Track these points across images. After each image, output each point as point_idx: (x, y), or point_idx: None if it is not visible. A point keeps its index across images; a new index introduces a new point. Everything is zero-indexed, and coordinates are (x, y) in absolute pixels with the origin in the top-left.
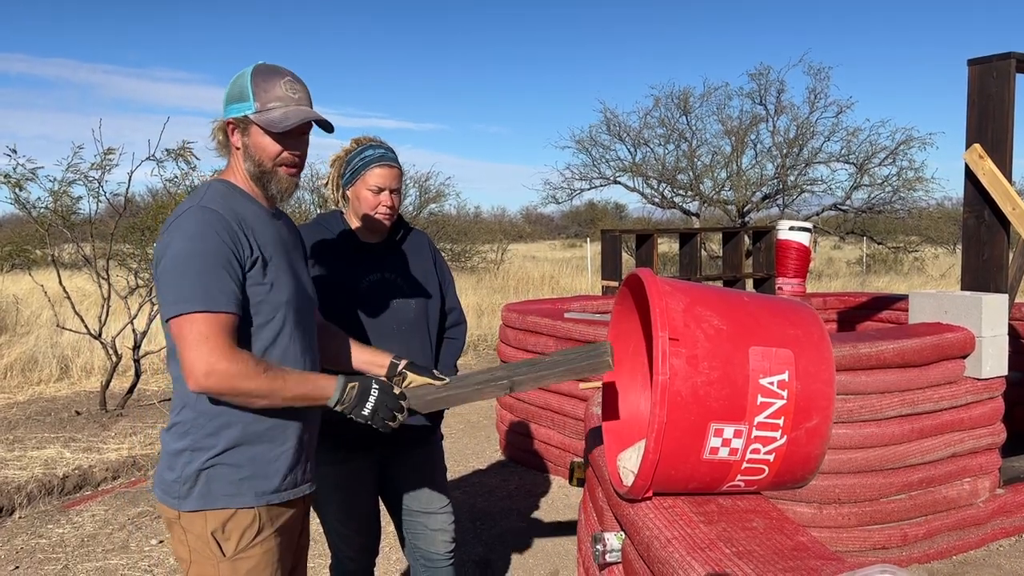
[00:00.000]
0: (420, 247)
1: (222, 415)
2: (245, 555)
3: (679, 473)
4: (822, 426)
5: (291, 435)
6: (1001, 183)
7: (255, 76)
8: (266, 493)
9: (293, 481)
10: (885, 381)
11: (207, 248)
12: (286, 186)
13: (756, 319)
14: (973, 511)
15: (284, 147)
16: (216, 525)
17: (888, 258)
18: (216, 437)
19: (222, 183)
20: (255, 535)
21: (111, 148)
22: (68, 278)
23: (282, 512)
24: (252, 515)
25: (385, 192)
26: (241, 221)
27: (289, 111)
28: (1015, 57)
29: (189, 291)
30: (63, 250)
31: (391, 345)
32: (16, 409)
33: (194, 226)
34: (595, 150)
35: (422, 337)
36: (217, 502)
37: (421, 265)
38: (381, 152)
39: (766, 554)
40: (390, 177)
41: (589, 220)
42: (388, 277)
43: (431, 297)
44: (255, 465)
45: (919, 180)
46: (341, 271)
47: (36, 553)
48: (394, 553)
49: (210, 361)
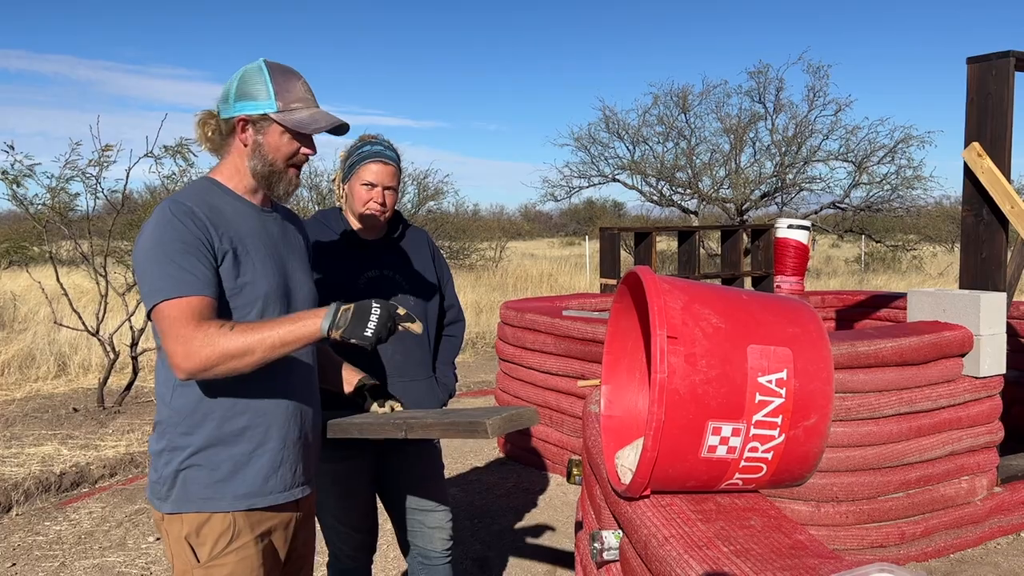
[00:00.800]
0: (419, 244)
1: (196, 412)
2: (218, 562)
3: (677, 471)
4: (820, 424)
5: (273, 434)
6: (1000, 181)
7: (274, 74)
8: (245, 496)
9: (279, 485)
10: (883, 379)
11: (171, 236)
12: (294, 186)
13: (755, 317)
14: (971, 509)
15: (301, 147)
16: (190, 529)
17: (886, 256)
18: (191, 436)
19: (204, 180)
20: (228, 542)
21: (109, 145)
22: (66, 275)
23: (265, 518)
24: (227, 520)
25: (377, 188)
26: (214, 213)
27: (316, 114)
28: (1014, 56)
29: (158, 281)
30: (61, 247)
31: (392, 342)
32: (13, 406)
33: (159, 218)
34: (594, 148)
35: (415, 339)
36: (191, 505)
37: (420, 262)
38: (378, 149)
39: (764, 552)
40: (383, 174)
41: (588, 218)
42: (387, 274)
43: (430, 294)
44: (232, 466)
45: (918, 178)
46: (339, 268)
47: (33, 550)
48: (391, 551)
49: (185, 346)
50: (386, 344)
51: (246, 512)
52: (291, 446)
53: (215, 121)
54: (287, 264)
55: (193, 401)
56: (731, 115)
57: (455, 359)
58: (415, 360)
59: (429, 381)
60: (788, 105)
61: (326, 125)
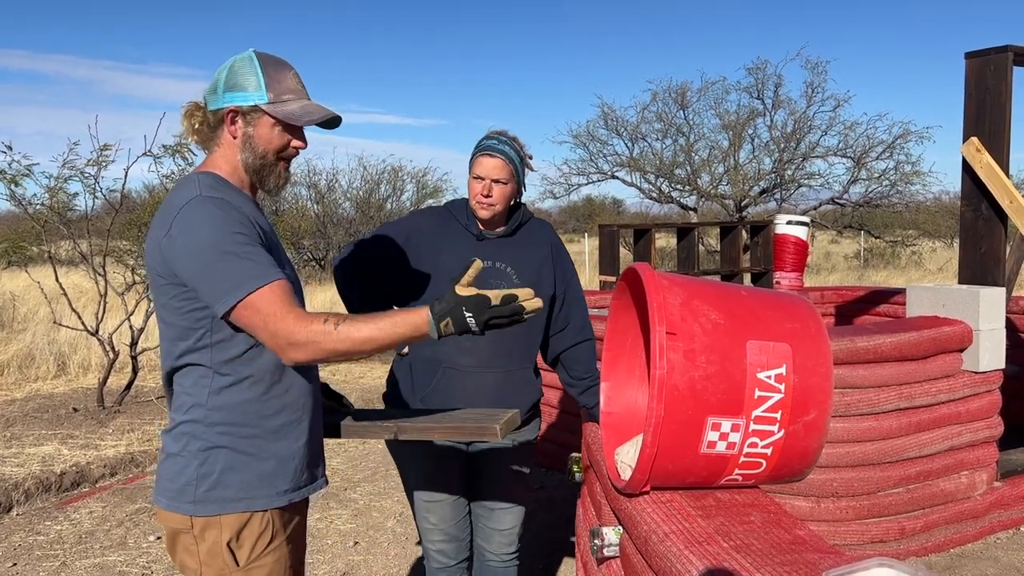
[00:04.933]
0: (540, 239)
1: (237, 410)
2: (258, 563)
3: (677, 467)
4: (820, 420)
5: (306, 428)
6: (998, 176)
7: (265, 65)
8: (285, 492)
9: (309, 477)
10: (882, 375)
11: (231, 229)
12: (284, 180)
13: (754, 313)
14: (970, 504)
15: (292, 140)
16: (231, 534)
17: (886, 252)
18: (231, 435)
19: (208, 176)
20: (268, 542)
21: (107, 144)
22: (65, 275)
23: (292, 517)
24: (265, 520)
25: (485, 182)
26: (241, 210)
27: (307, 105)
28: (1012, 50)
29: (236, 276)
30: (60, 247)
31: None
32: (13, 406)
33: (205, 215)
34: (592, 145)
35: (522, 328)
36: (230, 506)
37: (536, 254)
38: (490, 143)
39: (764, 548)
40: (489, 166)
41: (587, 215)
42: (499, 266)
43: (541, 289)
44: (276, 462)
45: (916, 174)
46: (453, 257)
47: (34, 550)
48: (392, 548)
49: (290, 331)
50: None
51: (281, 510)
52: (315, 442)
53: (202, 113)
54: (285, 258)
55: (235, 400)
56: (730, 111)
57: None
58: (510, 351)
59: (521, 373)
60: (787, 101)
61: (318, 118)
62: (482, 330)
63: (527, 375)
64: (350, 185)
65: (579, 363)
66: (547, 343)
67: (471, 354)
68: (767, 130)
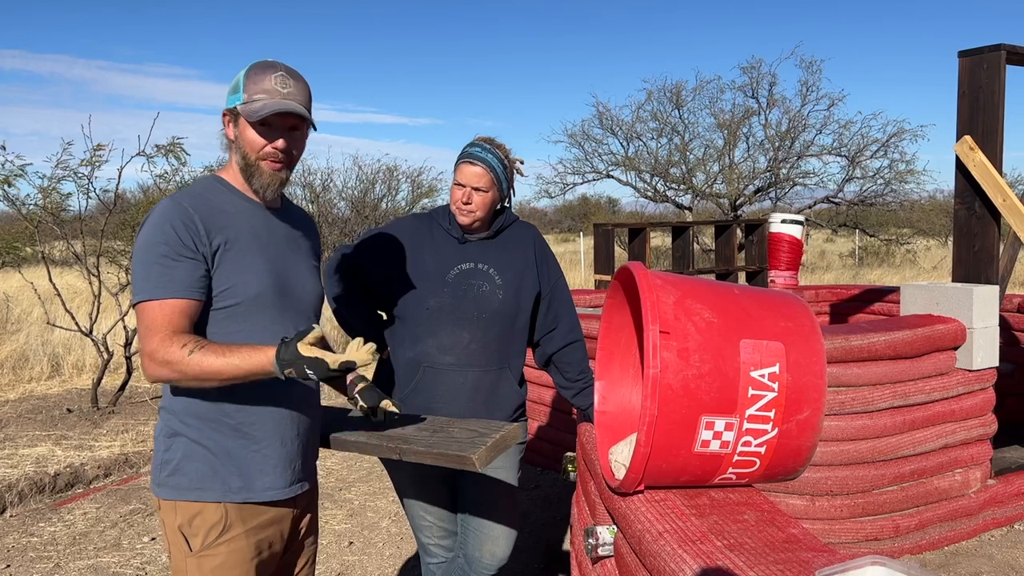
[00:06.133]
0: (522, 240)
1: (197, 403)
2: (210, 552)
3: (670, 466)
4: (813, 418)
5: (271, 431)
6: (992, 175)
7: (251, 69)
8: (239, 490)
9: (276, 481)
10: (876, 373)
11: (159, 238)
12: (268, 181)
13: (747, 312)
14: (965, 502)
15: (268, 140)
16: (184, 520)
17: (880, 250)
18: (190, 425)
19: (210, 178)
20: (220, 533)
21: (101, 144)
22: (58, 275)
23: (259, 512)
24: (219, 512)
25: (466, 189)
26: (212, 212)
27: (268, 102)
28: (1005, 49)
29: (143, 282)
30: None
31: (470, 330)
32: (7, 407)
33: (153, 218)
34: (588, 144)
35: (503, 327)
36: (186, 494)
37: (520, 257)
38: (471, 150)
39: (758, 546)
40: (470, 174)
41: (582, 214)
42: (480, 267)
43: (523, 290)
44: (229, 458)
45: (911, 172)
46: (434, 259)
47: (27, 551)
48: (387, 548)
49: (152, 349)
50: (463, 332)
51: (239, 505)
52: (289, 444)
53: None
54: (288, 263)
55: (197, 393)
56: (724, 110)
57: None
58: (491, 350)
59: (501, 372)
60: (781, 100)
61: (267, 112)
62: (323, 380)
63: (506, 375)
64: (345, 185)
65: (571, 365)
66: (537, 344)
67: (451, 352)
68: (762, 129)
